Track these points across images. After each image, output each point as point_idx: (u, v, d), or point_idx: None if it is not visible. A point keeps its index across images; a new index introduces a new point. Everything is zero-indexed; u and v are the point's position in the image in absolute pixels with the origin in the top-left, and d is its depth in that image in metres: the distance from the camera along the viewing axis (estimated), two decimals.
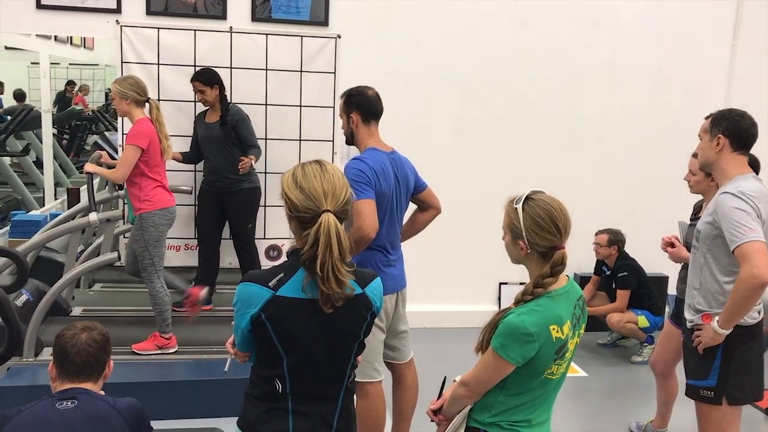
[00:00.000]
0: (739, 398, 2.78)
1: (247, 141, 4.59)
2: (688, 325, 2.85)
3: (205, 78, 4.50)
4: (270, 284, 1.83)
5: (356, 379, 2.22)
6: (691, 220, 3.52)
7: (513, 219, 2.02)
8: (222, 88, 4.55)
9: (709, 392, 2.76)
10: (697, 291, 2.81)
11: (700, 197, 3.56)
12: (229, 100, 4.62)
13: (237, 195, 4.67)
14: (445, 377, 2.32)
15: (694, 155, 3.36)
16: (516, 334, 1.93)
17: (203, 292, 4.49)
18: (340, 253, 1.79)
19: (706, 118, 2.90)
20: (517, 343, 1.93)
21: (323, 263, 1.77)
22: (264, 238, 5.02)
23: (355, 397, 2.08)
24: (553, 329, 1.95)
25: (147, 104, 4.06)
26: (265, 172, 4.89)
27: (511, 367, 1.97)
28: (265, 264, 4.95)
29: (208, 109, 4.64)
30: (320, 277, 1.78)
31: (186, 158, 4.73)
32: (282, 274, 1.85)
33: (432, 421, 2.26)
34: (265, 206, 4.94)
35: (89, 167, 4.25)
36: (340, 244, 1.80)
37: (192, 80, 4.52)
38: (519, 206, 2.00)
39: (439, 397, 2.24)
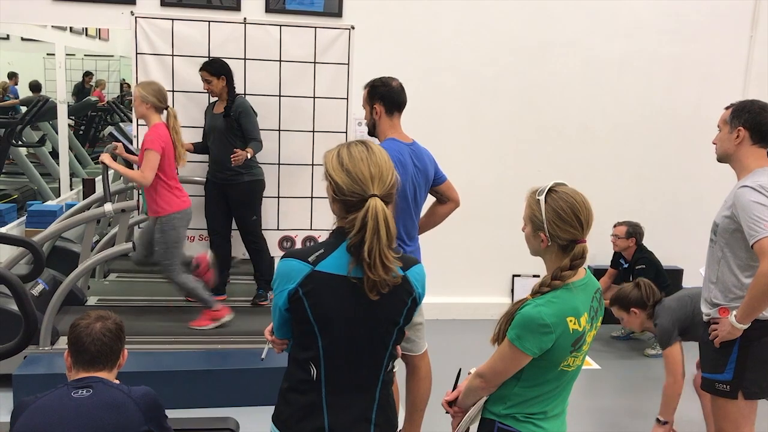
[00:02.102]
0: (755, 393, 2.76)
1: (249, 134, 4.55)
2: (705, 318, 2.83)
3: (213, 68, 4.50)
4: (309, 259, 1.79)
5: None
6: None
7: (535, 210, 2.00)
8: (230, 80, 4.54)
9: (725, 386, 2.74)
10: (714, 285, 2.78)
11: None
12: (236, 92, 4.60)
13: (238, 187, 4.65)
14: (460, 369, 2.31)
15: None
16: (533, 326, 1.92)
17: (208, 253, 4.58)
18: (387, 239, 1.74)
19: (727, 108, 2.85)
20: (534, 335, 1.92)
21: (371, 249, 1.72)
22: (278, 230, 5.02)
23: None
24: (571, 321, 1.93)
25: (165, 111, 4.21)
26: (279, 164, 4.88)
27: (527, 359, 1.96)
28: (278, 256, 4.96)
29: (217, 101, 4.65)
30: (367, 263, 1.73)
31: (198, 148, 4.74)
32: (322, 250, 1.81)
33: (447, 412, 2.25)
34: (279, 197, 4.94)
35: (105, 158, 4.29)
36: (388, 230, 1.74)
37: (200, 69, 4.52)
38: (541, 198, 1.98)
39: (454, 388, 2.23)
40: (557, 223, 1.96)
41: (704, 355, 2.87)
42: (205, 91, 4.56)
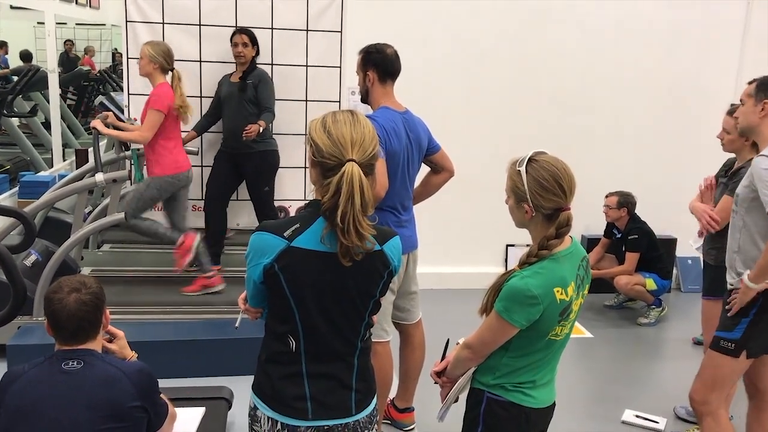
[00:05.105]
0: (756, 352, 2.82)
1: (264, 101, 4.52)
2: (729, 287, 2.86)
3: (252, 35, 4.52)
4: (285, 234, 1.78)
5: None
6: (720, 177, 3.47)
7: (516, 182, 1.98)
8: (258, 53, 4.57)
9: (730, 344, 2.78)
10: (736, 254, 2.81)
11: (729, 156, 3.48)
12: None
13: (252, 157, 4.62)
14: (448, 339, 2.32)
15: (729, 113, 3.31)
16: (520, 297, 1.91)
17: (197, 238, 4.48)
18: (362, 205, 1.73)
19: (750, 83, 2.86)
20: (522, 306, 1.91)
21: (344, 214, 1.71)
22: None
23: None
24: (558, 291, 1.93)
25: (170, 73, 4.22)
26: (271, 133, 4.84)
27: (515, 330, 1.96)
28: None
29: (234, 72, 4.61)
30: (340, 228, 1.72)
31: (199, 128, 4.71)
32: (298, 225, 1.79)
33: (435, 383, 2.26)
34: None
35: (96, 123, 4.27)
36: (363, 196, 1.73)
37: (240, 32, 4.50)
38: (522, 168, 1.96)
39: (442, 359, 2.24)
40: (540, 193, 1.94)
41: (721, 316, 2.90)
42: (236, 54, 4.52)
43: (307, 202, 1.88)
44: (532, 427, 2.09)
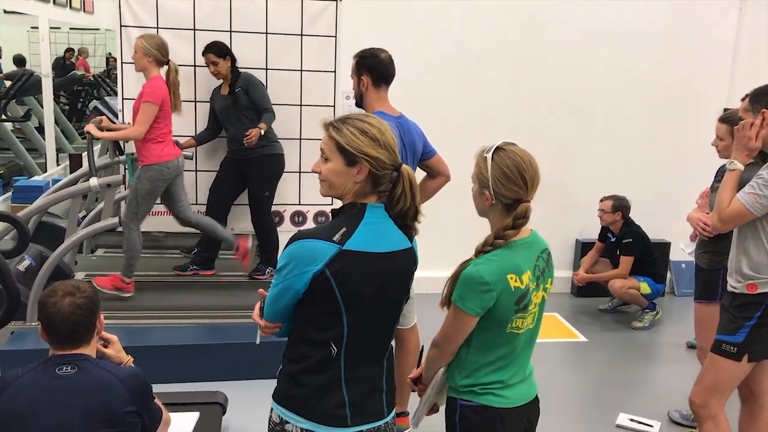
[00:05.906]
0: (758, 356, 2.81)
1: (259, 104, 4.54)
2: (729, 288, 2.84)
3: (218, 49, 4.48)
4: (334, 239, 1.76)
5: None
6: (715, 182, 3.47)
7: (481, 168, 2.01)
8: (233, 60, 4.54)
9: (732, 347, 2.78)
10: (743, 256, 2.79)
11: (724, 162, 3.49)
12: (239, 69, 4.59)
13: (253, 161, 4.62)
14: (423, 346, 2.32)
15: (721, 120, 3.32)
16: (473, 284, 1.92)
17: (250, 241, 4.66)
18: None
19: (742, 99, 2.87)
20: (475, 294, 1.92)
21: (418, 211, 1.89)
22: None
23: None
24: (511, 278, 1.94)
25: (167, 66, 4.20)
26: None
27: (472, 320, 1.95)
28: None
29: (222, 83, 4.61)
30: (418, 224, 1.90)
31: (200, 139, 4.72)
32: (344, 228, 1.79)
33: (413, 390, 2.26)
34: None
35: (90, 128, 4.26)
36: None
37: (204, 53, 4.49)
38: (488, 156, 1.99)
39: (418, 365, 2.24)
40: (502, 182, 1.96)
41: (722, 319, 2.89)
42: (212, 73, 4.53)
43: (343, 205, 1.87)
44: (509, 427, 2.06)
